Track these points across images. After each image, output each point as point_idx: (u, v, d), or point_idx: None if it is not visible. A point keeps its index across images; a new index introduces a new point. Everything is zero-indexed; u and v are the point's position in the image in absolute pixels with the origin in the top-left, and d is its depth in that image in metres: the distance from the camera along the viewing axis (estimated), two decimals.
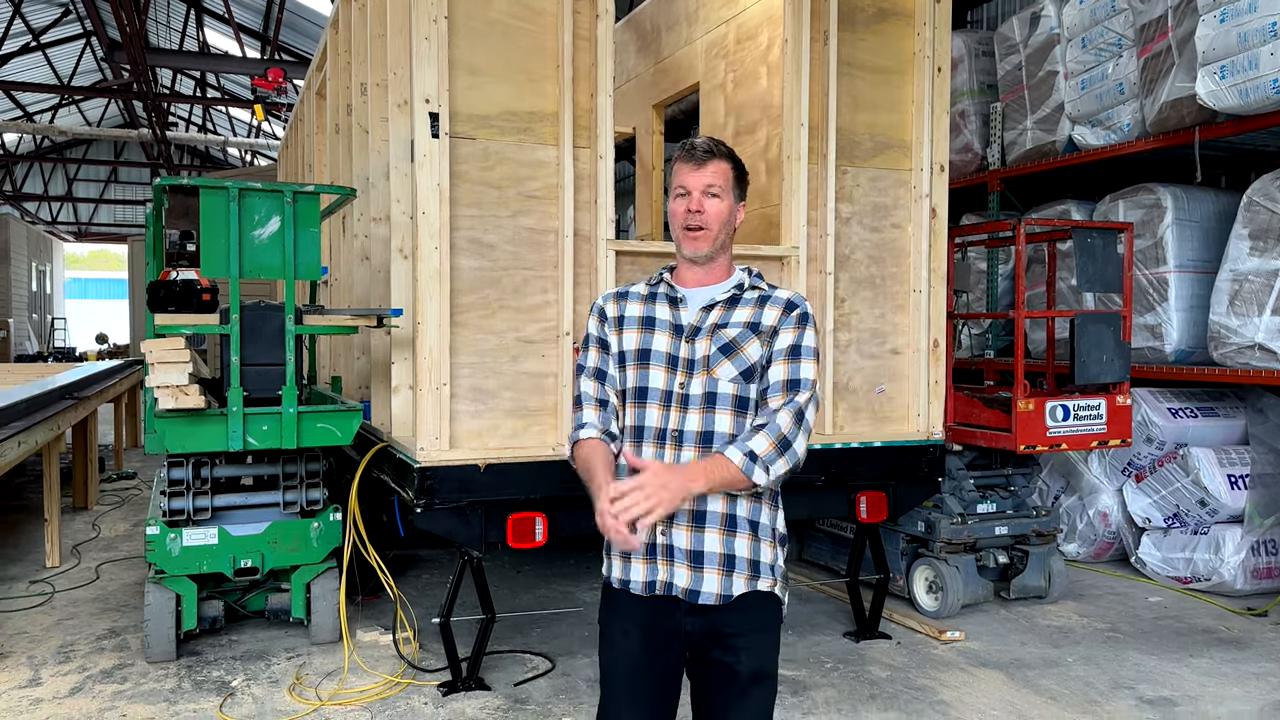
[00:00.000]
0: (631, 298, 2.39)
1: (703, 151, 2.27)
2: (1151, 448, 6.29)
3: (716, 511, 2.21)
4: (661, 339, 2.30)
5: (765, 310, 2.28)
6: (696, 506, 2.20)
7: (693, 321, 2.29)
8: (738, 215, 2.34)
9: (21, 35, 20.45)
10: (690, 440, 2.23)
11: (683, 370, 2.26)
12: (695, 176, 2.26)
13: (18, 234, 22.85)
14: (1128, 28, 6.40)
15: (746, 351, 2.24)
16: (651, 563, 2.24)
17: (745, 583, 2.21)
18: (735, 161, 2.32)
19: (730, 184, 2.29)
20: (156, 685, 4.27)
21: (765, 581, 2.25)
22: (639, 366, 2.29)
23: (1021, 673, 4.51)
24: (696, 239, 2.27)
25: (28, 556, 6.52)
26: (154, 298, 4.38)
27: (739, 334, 2.25)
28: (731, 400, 2.23)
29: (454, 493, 4.02)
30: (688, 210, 2.26)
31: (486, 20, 4.10)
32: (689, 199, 2.26)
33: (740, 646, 2.21)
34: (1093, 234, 5.48)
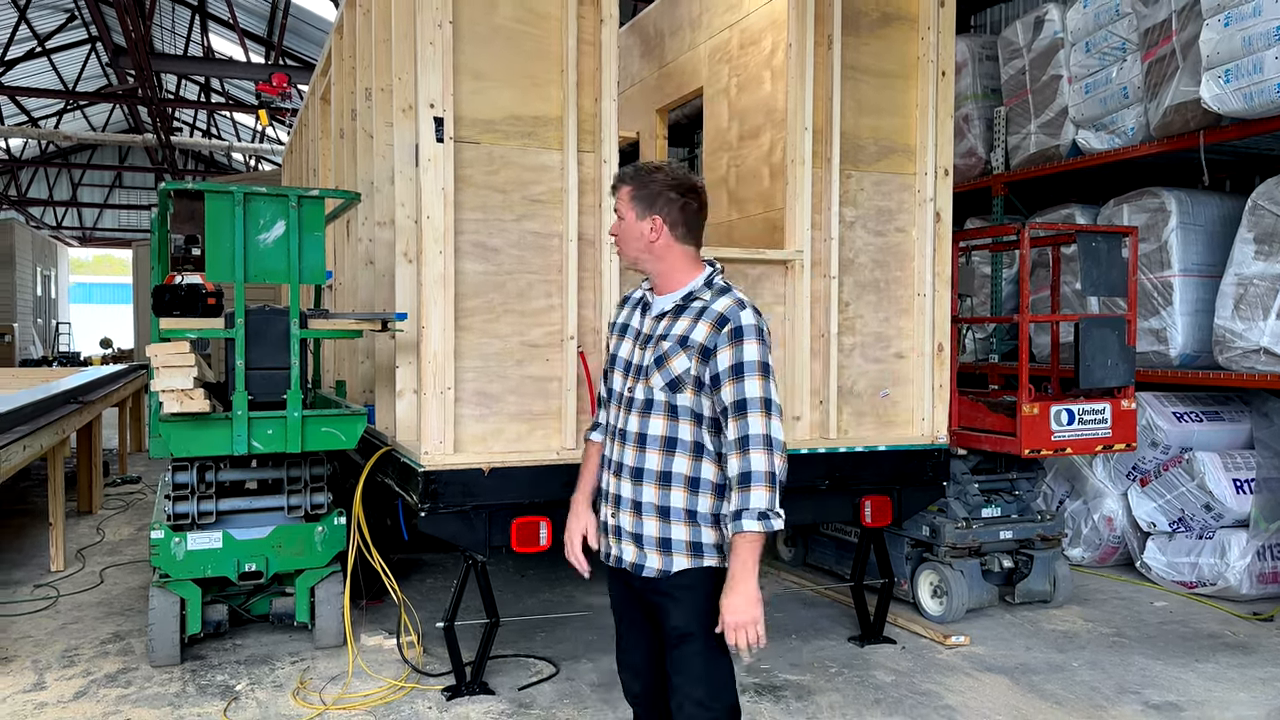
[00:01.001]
0: (628, 304, 2.69)
1: (615, 180, 2.61)
2: (1156, 452, 6.28)
3: (650, 503, 2.49)
4: (627, 345, 2.60)
5: (698, 325, 2.43)
6: (634, 497, 2.50)
7: (646, 330, 2.55)
8: (645, 227, 2.52)
9: (27, 41, 20.51)
10: (630, 439, 2.52)
11: (632, 375, 2.55)
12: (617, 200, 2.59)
13: (22, 239, 22.90)
14: (1131, 32, 6.40)
15: (672, 364, 2.44)
16: (607, 538, 2.63)
17: (688, 560, 2.47)
18: (636, 180, 2.54)
19: (630, 203, 2.53)
20: (161, 689, 4.27)
21: (710, 559, 2.49)
22: (610, 370, 2.65)
23: (1027, 677, 4.50)
24: (619, 253, 2.65)
25: (32, 560, 6.53)
26: (159, 302, 4.38)
27: (670, 347, 2.45)
28: (664, 407, 2.46)
29: (458, 497, 4.03)
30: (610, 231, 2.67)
31: (491, 25, 4.11)
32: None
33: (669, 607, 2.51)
34: (1097, 238, 5.47)
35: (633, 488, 2.52)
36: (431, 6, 3.96)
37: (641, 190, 2.53)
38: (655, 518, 2.49)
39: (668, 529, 2.48)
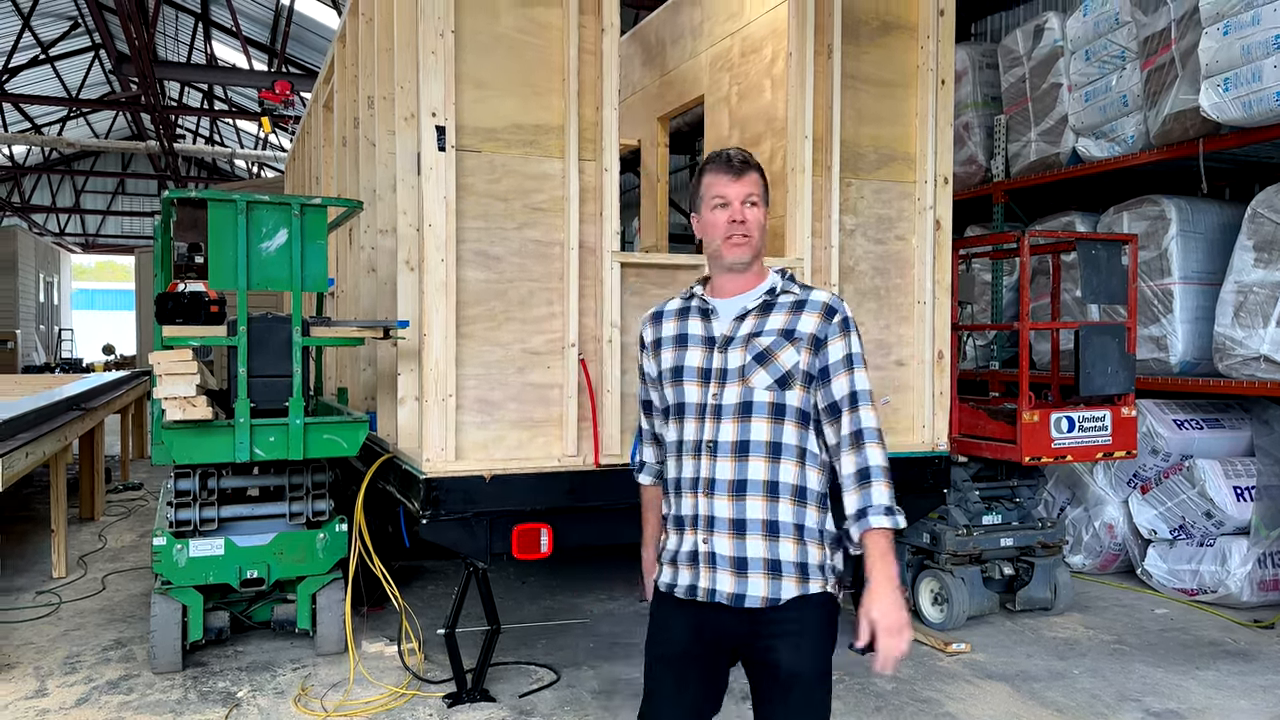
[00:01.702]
0: (666, 317, 2.45)
1: (739, 162, 2.33)
2: (1157, 459, 6.28)
3: (758, 519, 2.24)
4: (694, 354, 2.33)
5: (802, 316, 2.29)
6: (736, 514, 2.24)
7: (725, 332, 2.31)
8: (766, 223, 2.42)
9: (31, 48, 20.59)
10: (725, 450, 2.26)
11: (715, 381, 2.29)
12: (735, 187, 2.31)
13: (25, 245, 22.94)
14: (1131, 40, 6.42)
15: (780, 359, 2.25)
16: (694, 569, 2.29)
17: (796, 586, 2.23)
18: (762, 172, 2.40)
19: (762, 193, 2.36)
20: (163, 696, 4.28)
21: (815, 583, 2.25)
22: (674, 384, 2.35)
23: (1027, 685, 4.50)
24: (741, 246, 2.31)
25: (34, 567, 6.54)
26: (162, 310, 4.40)
27: (773, 341, 2.26)
28: (768, 408, 2.24)
29: (459, 504, 4.04)
30: (731, 220, 2.31)
31: (493, 34, 4.13)
32: (730, 209, 2.31)
33: (779, 646, 2.23)
34: (1097, 246, 5.48)
35: (732, 504, 2.25)
36: (434, 15, 3.98)
37: (765, 182, 2.39)
38: (761, 536, 2.24)
39: (775, 548, 2.23)
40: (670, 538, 2.36)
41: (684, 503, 2.32)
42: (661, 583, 2.37)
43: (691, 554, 2.29)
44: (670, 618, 2.37)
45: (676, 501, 2.34)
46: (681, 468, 2.33)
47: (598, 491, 4.26)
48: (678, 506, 2.33)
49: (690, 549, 2.29)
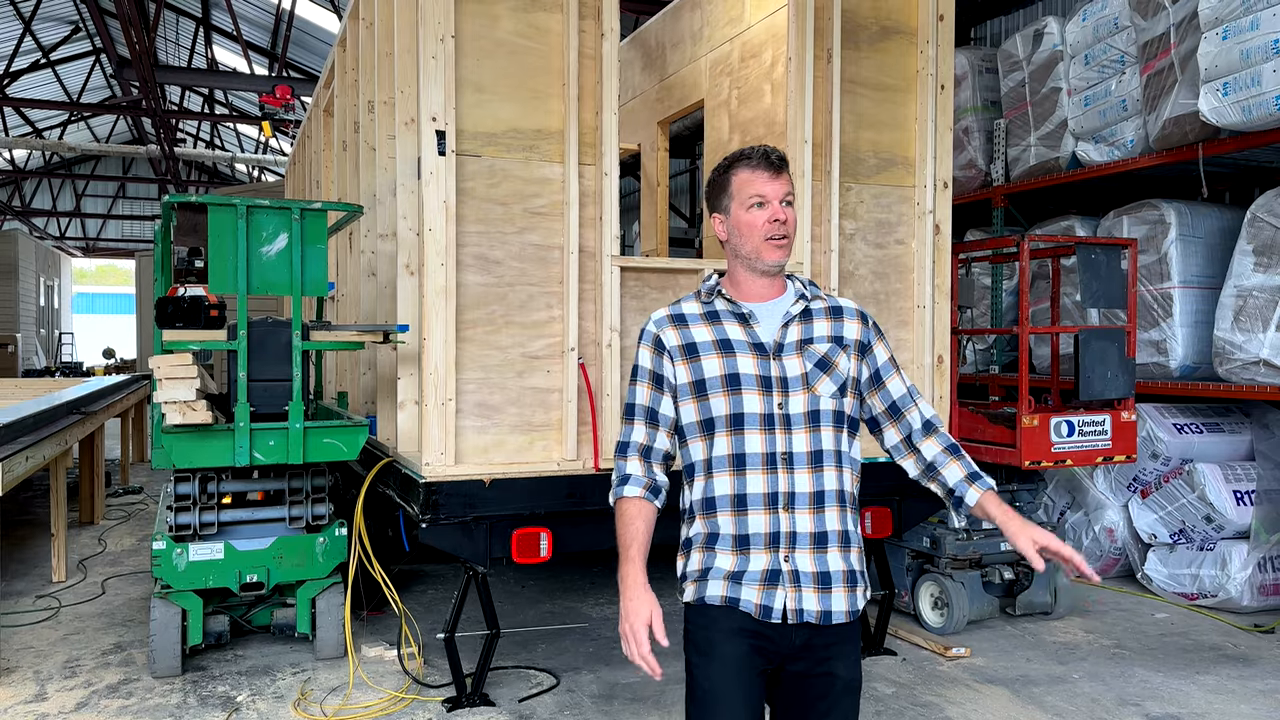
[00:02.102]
0: (691, 320, 2.26)
1: (778, 159, 2.23)
2: (1157, 464, 6.28)
3: (835, 530, 2.18)
4: (746, 361, 2.19)
5: (844, 324, 2.27)
6: (817, 528, 2.16)
7: (775, 338, 2.22)
8: None
9: (32, 53, 20.61)
10: (801, 461, 2.16)
11: (778, 390, 2.18)
12: (773, 185, 2.20)
13: (26, 249, 22.96)
14: (1130, 45, 6.43)
15: (840, 367, 2.21)
16: (770, 588, 2.14)
17: (862, 596, 2.23)
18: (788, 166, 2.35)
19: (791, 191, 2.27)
20: (162, 700, 4.28)
21: (868, 592, 2.29)
22: (730, 392, 2.17)
23: (1027, 689, 4.50)
24: (781, 247, 2.22)
25: (34, 571, 6.54)
26: (162, 314, 4.41)
27: (829, 349, 2.22)
28: (833, 416, 2.19)
29: (459, 508, 4.04)
30: (772, 220, 2.19)
31: (493, 39, 4.14)
32: (769, 208, 2.20)
33: (835, 656, 2.19)
34: (1096, 250, 5.49)
35: (813, 517, 2.15)
36: (434, 20, 3.99)
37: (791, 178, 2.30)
38: (839, 548, 2.18)
39: (849, 559, 2.20)
40: (726, 558, 2.17)
41: (751, 520, 2.15)
42: (713, 596, 2.17)
43: (769, 573, 2.14)
44: (728, 635, 2.17)
45: (737, 520, 2.16)
46: (745, 483, 2.16)
47: (597, 495, 4.25)
48: (740, 525, 2.15)
49: (766, 568, 2.14)
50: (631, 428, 2.27)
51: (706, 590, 2.18)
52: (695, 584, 2.20)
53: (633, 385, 2.29)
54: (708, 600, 2.17)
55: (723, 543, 2.17)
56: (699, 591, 2.19)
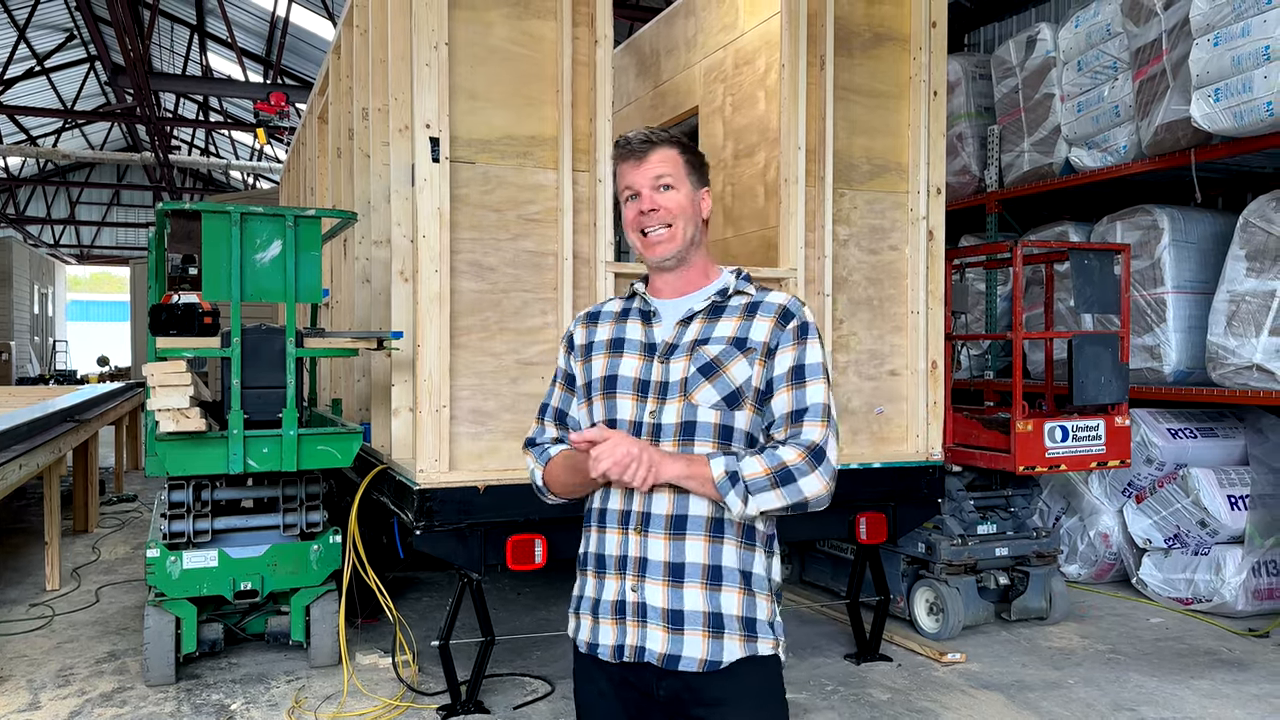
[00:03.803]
0: (603, 318, 2.09)
1: (639, 143, 1.98)
2: (1151, 468, 6.29)
3: (696, 563, 1.88)
4: (630, 362, 1.98)
5: (755, 322, 1.94)
6: (674, 557, 1.88)
7: (667, 338, 1.97)
8: (703, 203, 2.01)
9: (26, 60, 20.59)
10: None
11: (653, 396, 1.94)
12: (639, 173, 1.96)
13: (20, 257, 22.92)
14: (1123, 51, 6.46)
15: (730, 372, 1.90)
16: (620, 623, 1.92)
17: (741, 646, 1.88)
18: (682, 145, 2.01)
19: (683, 170, 1.98)
20: (156, 709, 4.26)
21: (766, 643, 1.91)
22: (605, 396, 1.98)
23: (1023, 694, 4.50)
24: (659, 242, 1.96)
25: (28, 579, 6.52)
26: (156, 321, 4.40)
27: (721, 351, 1.92)
28: (714, 430, 1.89)
29: (453, 515, 4.03)
30: (639, 212, 1.96)
31: (487, 46, 4.14)
32: (639, 200, 1.97)
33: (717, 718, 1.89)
34: (1090, 255, 5.51)
35: (669, 544, 1.88)
36: (428, 28, 4.00)
37: (691, 156, 2.01)
38: (701, 584, 1.88)
39: (717, 599, 1.87)
40: (587, 583, 2.00)
41: (608, 540, 1.95)
42: (580, 642, 2.00)
43: (617, 604, 1.92)
44: (593, 684, 1.99)
45: (598, 538, 1.97)
46: (607, 497, 1.96)
47: None
48: (600, 544, 1.97)
49: (615, 598, 1.93)
50: (541, 428, 2.13)
51: (577, 631, 2.02)
52: (572, 618, 2.06)
53: (551, 386, 2.14)
54: (577, 644, 2.02)
55: (584, 562, 2.03)
56: (572, 631, 2.05)
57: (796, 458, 1.83)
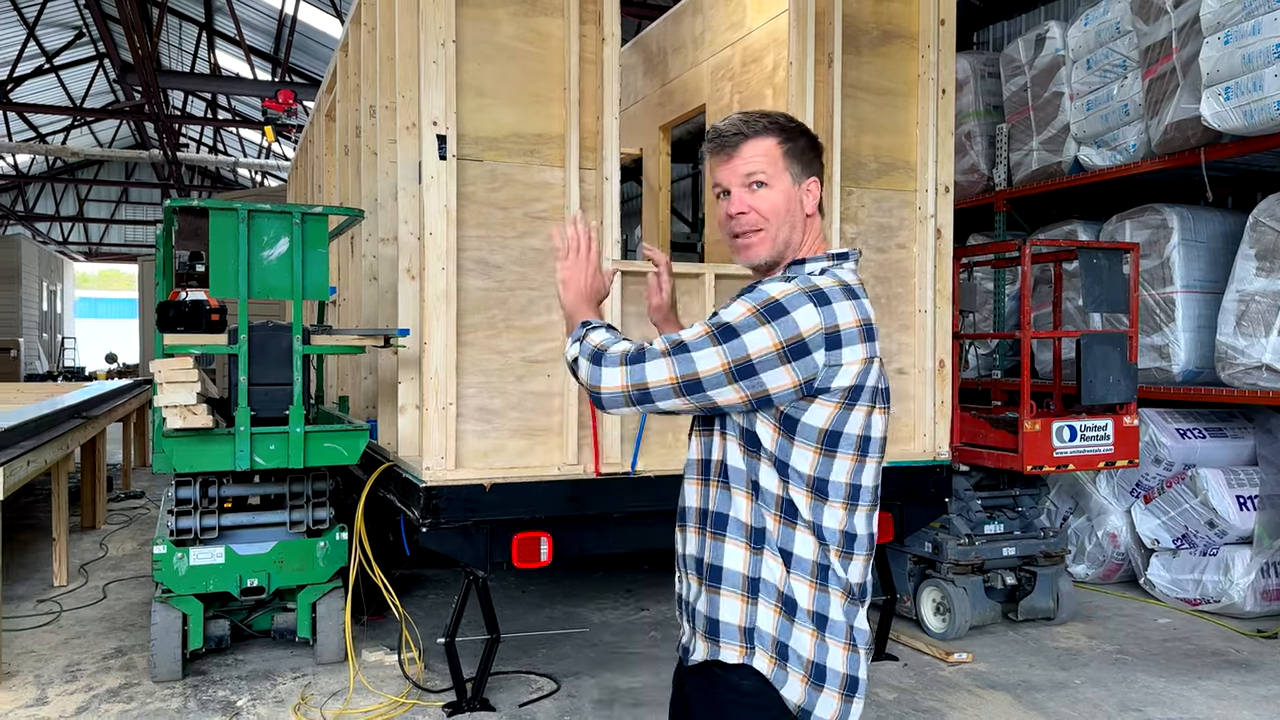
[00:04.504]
0: None
1: (732, 134, 1.81)
2: (1160, 468, 6.26)
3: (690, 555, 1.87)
4: None
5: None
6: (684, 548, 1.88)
7: None
8: (806, 197, 1.83)
9: (35, 58, 20.66)
10: (691, 469, 1.90)
11: None
12: (728, 169, 1.82)
13: (29, 254, 23.00)
14: (1132, 49, 6.43)
15: None
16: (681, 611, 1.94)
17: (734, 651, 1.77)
18: (783, 130, 1.82)
19: (781, 162, 1.80)
20: (162, 704, 4.27)
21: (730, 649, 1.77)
22: None
23: (1029, 695, 4.49)
24: (749, 247, 1.83)
25: (35, 575, 6.54)
26: (163, 318, 4.41)
27: None
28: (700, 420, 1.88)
29: (459, 512, 4.03)
30: (728, 214, 1.83)
31: (494, 44, 4.14)
32: (728, 199, 1.83)
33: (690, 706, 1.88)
34: (1098, 254, 5.48)
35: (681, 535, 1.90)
36: (435, 25, 4.00)
37: (791, 144, 1.81)
38: (696, 577, 1.84)
39: (717, 604, 1.78)
40: None
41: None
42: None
43: (679, 598, 1.94)
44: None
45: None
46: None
47: (598, 500, 4.25)
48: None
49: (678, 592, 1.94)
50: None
51: None
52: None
53: None
54: None
55: None
56: None
57: (623, 349, 1.74)
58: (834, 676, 1.76)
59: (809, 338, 1.67)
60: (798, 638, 1.75)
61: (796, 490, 1.74)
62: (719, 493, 1.81)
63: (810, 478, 1.74)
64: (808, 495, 1.74)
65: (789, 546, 1.76)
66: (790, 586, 1.75)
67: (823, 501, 1.75)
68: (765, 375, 1.67)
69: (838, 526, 1.76)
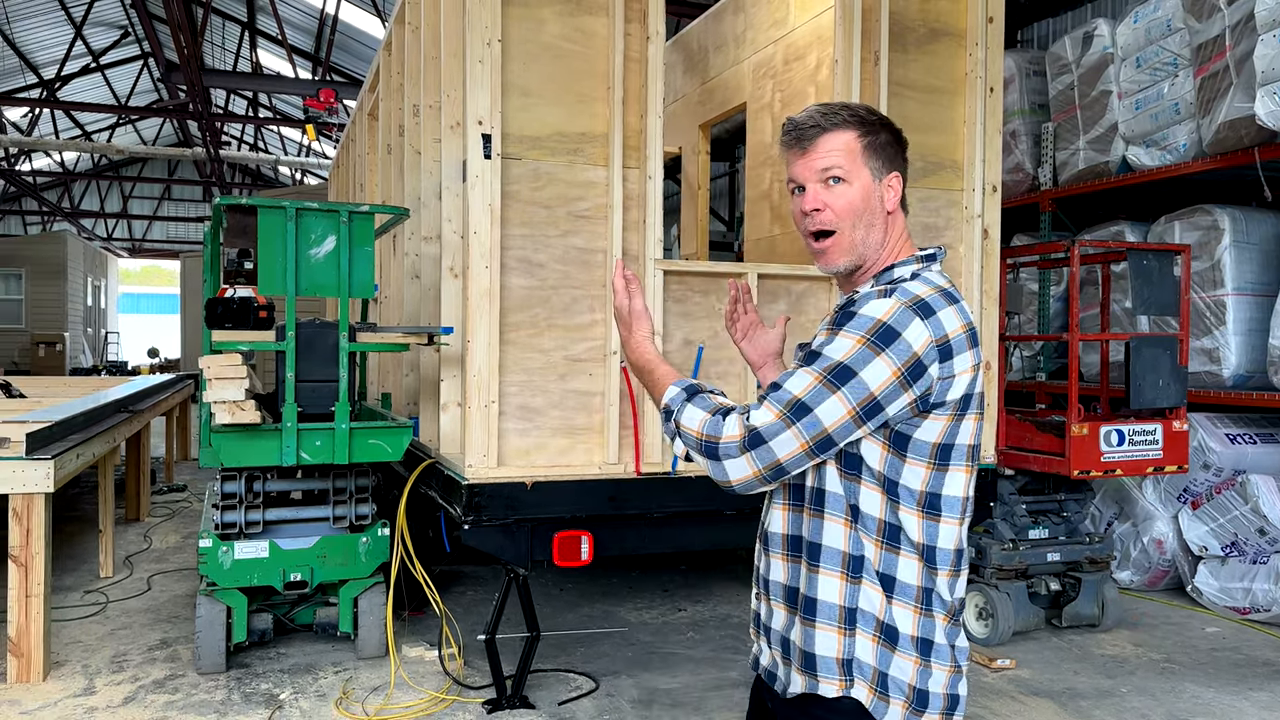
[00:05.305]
0: None
1: (809, 127, 1.72)
2: (1208, 474, 6.15)
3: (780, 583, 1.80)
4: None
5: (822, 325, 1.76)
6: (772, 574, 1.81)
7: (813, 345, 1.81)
8: (887, 194, 1.74)
9: (82, 57, 21.04)
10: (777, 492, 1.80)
11: None
12: (804, 164, 1.73)
13: (75, 250, 23.44)
14: (1184, 47, 6.30)
15: None
16: (757, 632, 1.88)
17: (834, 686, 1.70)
18: (863, 123, 1.73)
19: (860, 157, 1.72)
20: (207, 696, 4.32)
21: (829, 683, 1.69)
22: None
23: (1074, 702, 4.42)
24: (826, 253, 1.75)
25: (82, 566, 6.65)
26: (212, 315, 4.46)
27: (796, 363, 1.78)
28: None
29: (501, 510, 4.04)
30: (802, 212, 1.75)
31: (540, 43, 4.14)
32: (802, 195, 1.75)
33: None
34: (1149, 256, 5.38)
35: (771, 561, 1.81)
36: (481, 25, 4.00)
37: (872, 137, 1.73)
38: (786, 607, 1.76)
39: (812, 637, 1.70)
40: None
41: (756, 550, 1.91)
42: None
43: (755, 615, 1.88)
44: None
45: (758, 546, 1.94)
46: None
47: (639, 500, 4.24)
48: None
49: (755, 609, 1.88)
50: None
51: None
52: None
53: None
54: None
55: None
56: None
57: (736, 434, 1.61)
58: (936, 700, 1.70)
59: (923, 355, 1.60)
60: (899, 665, 1.68)
61: (906, 510, 1.66)
62: (812, 520, 1.72)
63: (922, 494, 1.66)
64: (919, 514, 1.66)
65: (891, 571, 1.68)
66: (892, 614, 1.68)
67: (935, 519, 1.68)
68: (890, 406, 1.61)
69: (950, 545, 1.70)
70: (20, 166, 26.08)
